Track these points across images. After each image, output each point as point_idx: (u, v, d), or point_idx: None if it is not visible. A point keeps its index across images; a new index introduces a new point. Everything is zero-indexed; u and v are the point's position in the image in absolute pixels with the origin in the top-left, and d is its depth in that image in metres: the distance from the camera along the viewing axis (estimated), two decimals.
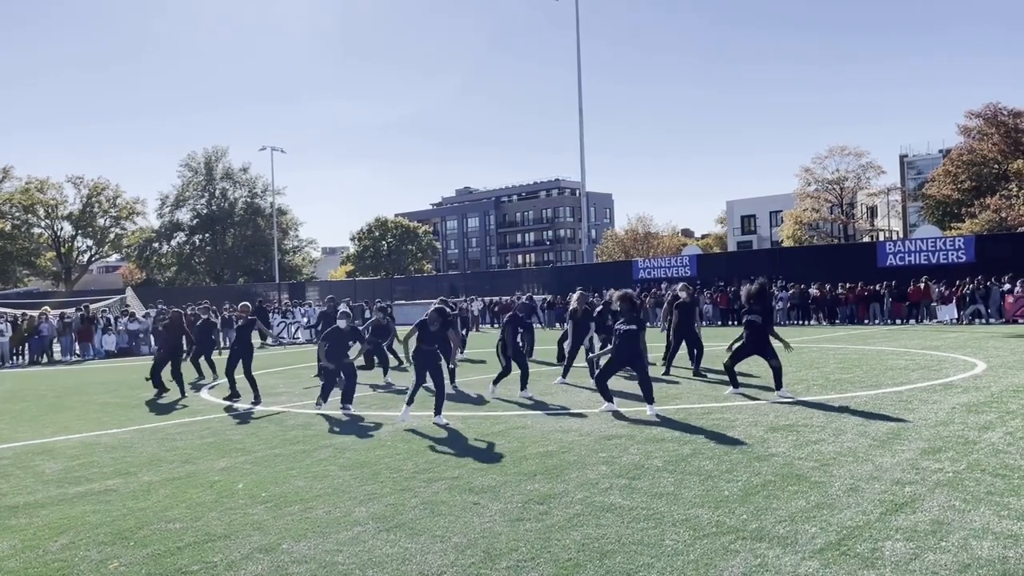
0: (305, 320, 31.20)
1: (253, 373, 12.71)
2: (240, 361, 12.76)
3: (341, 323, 11.75)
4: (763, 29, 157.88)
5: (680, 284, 14.44)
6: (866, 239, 61.20)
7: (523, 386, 11.87)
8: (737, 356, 11.08)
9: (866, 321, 29.17)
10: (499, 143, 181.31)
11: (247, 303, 15.01)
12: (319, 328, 17.86)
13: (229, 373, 12.89)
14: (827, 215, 59.93)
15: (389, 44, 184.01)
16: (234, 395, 12.68)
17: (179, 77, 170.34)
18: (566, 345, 13.97)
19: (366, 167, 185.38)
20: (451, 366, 12.50)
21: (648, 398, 9.70)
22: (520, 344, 12.85)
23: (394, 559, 4.75)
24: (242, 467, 7.63)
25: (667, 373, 13.82)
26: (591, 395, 11.63)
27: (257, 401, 12.13)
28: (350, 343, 11.87)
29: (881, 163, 69.15)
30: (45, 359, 26.25)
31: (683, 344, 14.11)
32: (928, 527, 4.95)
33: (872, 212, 68.78)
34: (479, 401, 11.64)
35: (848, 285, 30.01)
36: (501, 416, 10.11)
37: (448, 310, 10.75)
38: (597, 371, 10.73)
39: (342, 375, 11.24)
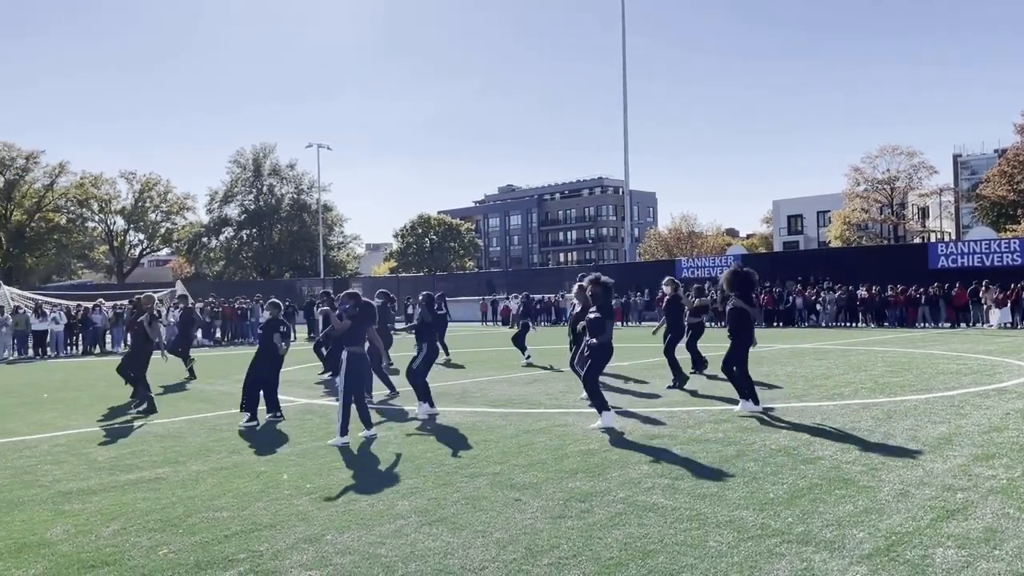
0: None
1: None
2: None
3: (266, 314, 10.90)
4: (812, 29, 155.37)
5: (666, 279, 13.21)
6: (917, 240, 59.90)
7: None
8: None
9: (916, 324, 28.54)
10: (543, 141, 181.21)
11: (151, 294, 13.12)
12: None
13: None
14: (877, 216, 58.76)
15: (432, 43, 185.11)
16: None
17: (227, 76, 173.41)
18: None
19: (410, 165, 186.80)
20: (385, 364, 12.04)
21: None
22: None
23: (436, 553, 4.78)
24: (287, 458, 7.74)
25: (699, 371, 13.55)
26: (633, 397, 11.58)
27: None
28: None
29: (934, 163, 67.61)
30: (98, 349, 26.94)
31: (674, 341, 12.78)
32: (981, 535, 4.83)
33: (924, 213, 67.31)
34: (520, 398, 11.65)
35: (898, 287, 29.39)
36: (543, 413, 10.11)
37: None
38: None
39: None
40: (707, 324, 14.42)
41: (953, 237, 64.39)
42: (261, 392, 10.24)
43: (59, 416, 11.25)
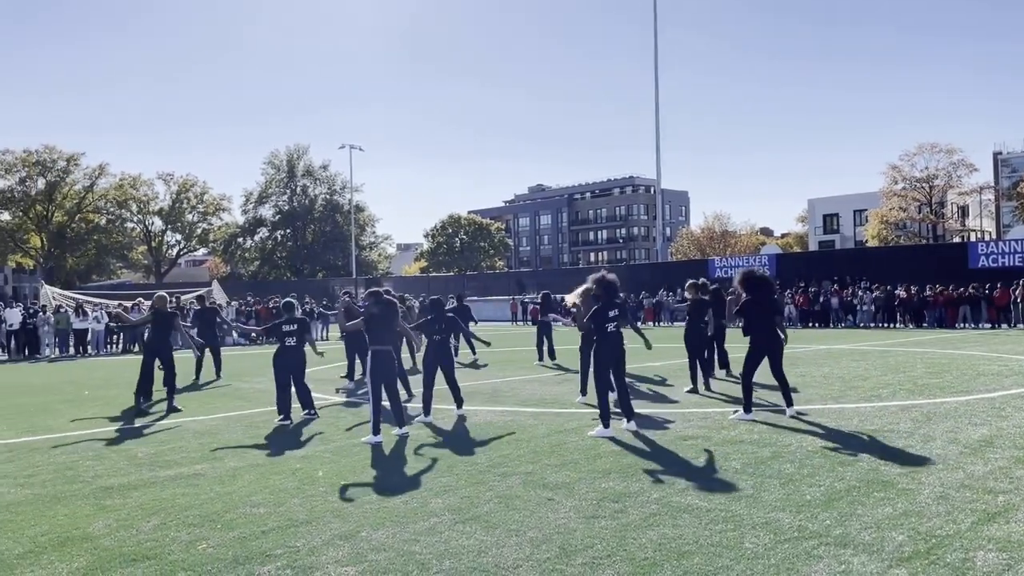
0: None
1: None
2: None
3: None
4: (848, 27, 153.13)
5: (688, 282, 12.58)
6: (956, 240, 58.80)
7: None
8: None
9: (956, 325, 28.03)
10: (573, 140, 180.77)
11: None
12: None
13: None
14: (915, 214, 57.79)
15: (461, 43, 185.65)
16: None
17: (261, 80, 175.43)
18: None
19: (440, 165, 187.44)
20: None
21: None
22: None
23: (470, 551, 4.80)
24: (322, 456, 7.82)
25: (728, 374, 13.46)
26: (664, 399, 11.51)
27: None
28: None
29: (973, 161, 66.26)
30: (137, 348, 27.40)
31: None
32: (1022, 538, 4.73)
33: (963, 212, 66.05)
34: (552, 398, 11.64)
35: (937, 287, 28.88)
36: (574, 413, 10.09)
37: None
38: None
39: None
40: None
41: (993, 236, 63.12)
42: (292, 391, 10.35)
43: (100, 413, 11.48)
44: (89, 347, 26.42)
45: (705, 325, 12.28)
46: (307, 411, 10.37)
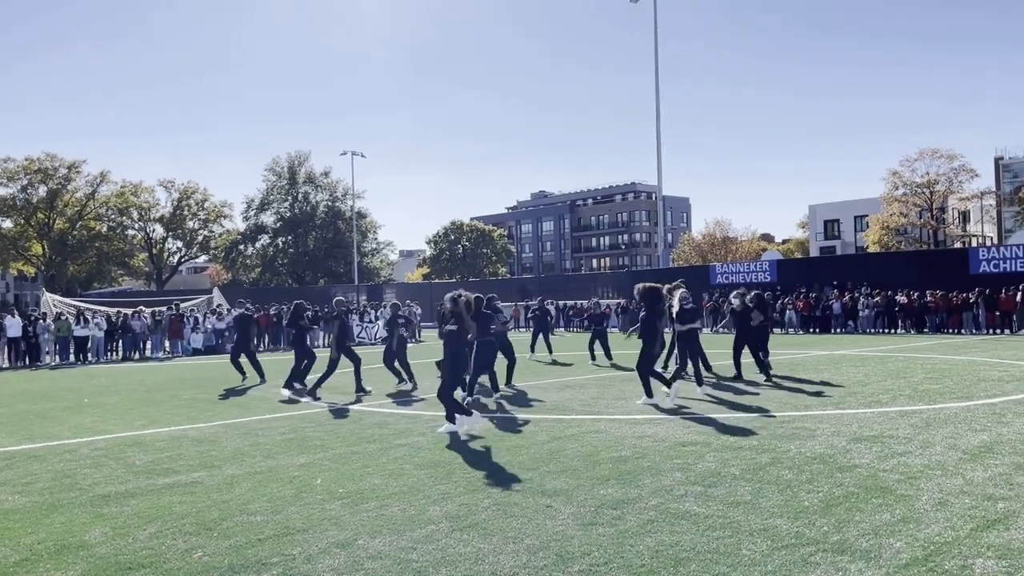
0: (381, 322, 31.72)
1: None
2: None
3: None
4: (851, 33, 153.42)
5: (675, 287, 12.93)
6: (958, 245, 58.76)
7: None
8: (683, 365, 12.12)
9: (957, 331, 27.98)
10: (575, 147, 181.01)
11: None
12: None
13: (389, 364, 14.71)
14: (916, 220, 57.80)
15: (464, 51, 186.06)
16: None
17: (263, 88, 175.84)
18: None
19: (443, 172, 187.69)
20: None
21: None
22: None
23: (467, 558, 4.78)
24: (320, 463, 7.81)
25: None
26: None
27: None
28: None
29: (975, 166, 66.34)
30: (137, 355, 27.43)
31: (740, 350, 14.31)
32: (1022, 545, 4.71)
33: (964, 217, 65.98)
34: (552, 404, 11.63)
35: (938, 293, 28.84)
36: (575, 420, 10.08)
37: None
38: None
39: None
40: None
41: (995, 241, 63.05)
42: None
43: (99, 420, 11.47)
44: (89, 354, 26.42)
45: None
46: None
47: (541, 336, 20.61)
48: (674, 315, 12.62)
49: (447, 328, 9.46)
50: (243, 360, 16.72)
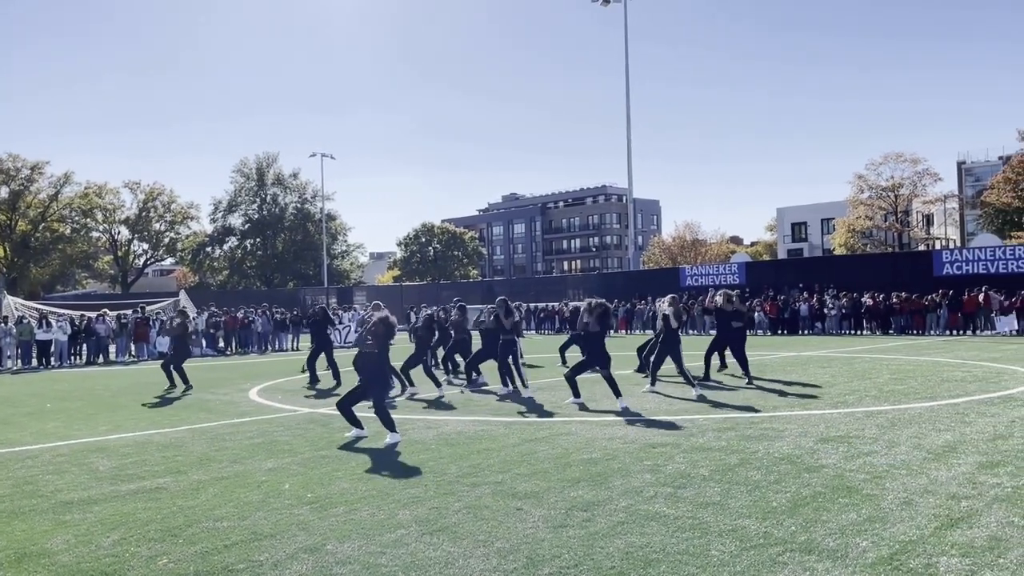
0: (353, 325, 31.47)
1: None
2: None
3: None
4: (817, 34, 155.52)
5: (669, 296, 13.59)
6: (922, 248, 59.79)
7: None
8: (578, 369, 11.65)
9: (921, 332, 28.45)
10: (546, 149, 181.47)
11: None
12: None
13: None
14: (881, 223, 58.75)
15: (435, 52, 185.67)
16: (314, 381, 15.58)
17: (230, 85, 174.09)
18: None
19: (413, 174, 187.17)
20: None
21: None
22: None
23: (437, 563, 4.75)
24: (289, 468, 7.72)
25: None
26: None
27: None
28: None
29: (938, 170, 67.48)
30: (101, 359, 26.96)
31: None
32: (985, 543, 4.79)
33: (928, 220, 67.20)
34: (524, 407, 11.62)
35: (903, 295, 29.31)
36: (545, 422, 10.08)
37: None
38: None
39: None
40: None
41: (958, 244, 64.25)
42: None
43: (61, 426, 11.25)
44: (52, 359, 25.91)
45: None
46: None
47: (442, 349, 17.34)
48: (663, 321, 13.04)
49: (364, 350, 9.41)
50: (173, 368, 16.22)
